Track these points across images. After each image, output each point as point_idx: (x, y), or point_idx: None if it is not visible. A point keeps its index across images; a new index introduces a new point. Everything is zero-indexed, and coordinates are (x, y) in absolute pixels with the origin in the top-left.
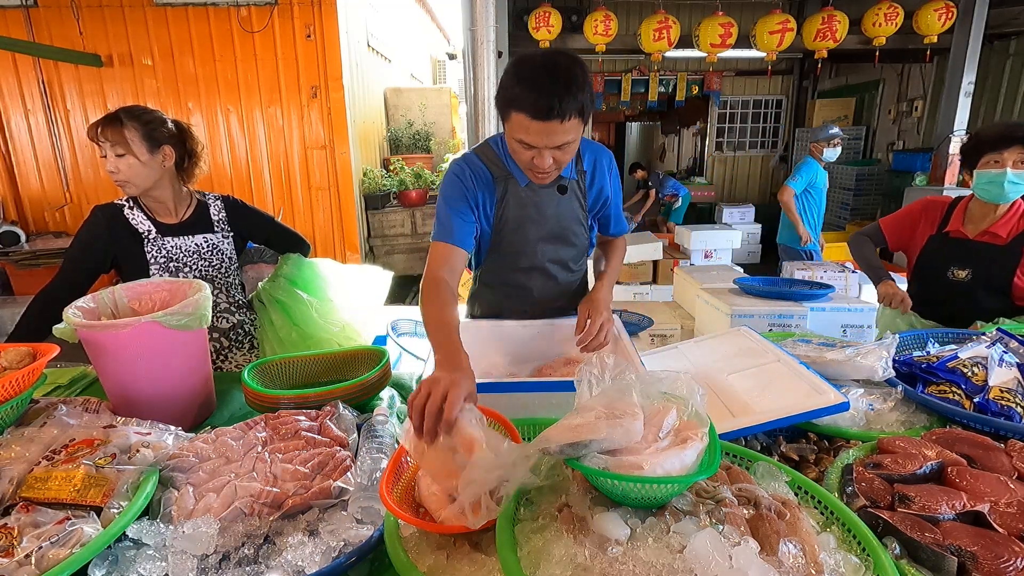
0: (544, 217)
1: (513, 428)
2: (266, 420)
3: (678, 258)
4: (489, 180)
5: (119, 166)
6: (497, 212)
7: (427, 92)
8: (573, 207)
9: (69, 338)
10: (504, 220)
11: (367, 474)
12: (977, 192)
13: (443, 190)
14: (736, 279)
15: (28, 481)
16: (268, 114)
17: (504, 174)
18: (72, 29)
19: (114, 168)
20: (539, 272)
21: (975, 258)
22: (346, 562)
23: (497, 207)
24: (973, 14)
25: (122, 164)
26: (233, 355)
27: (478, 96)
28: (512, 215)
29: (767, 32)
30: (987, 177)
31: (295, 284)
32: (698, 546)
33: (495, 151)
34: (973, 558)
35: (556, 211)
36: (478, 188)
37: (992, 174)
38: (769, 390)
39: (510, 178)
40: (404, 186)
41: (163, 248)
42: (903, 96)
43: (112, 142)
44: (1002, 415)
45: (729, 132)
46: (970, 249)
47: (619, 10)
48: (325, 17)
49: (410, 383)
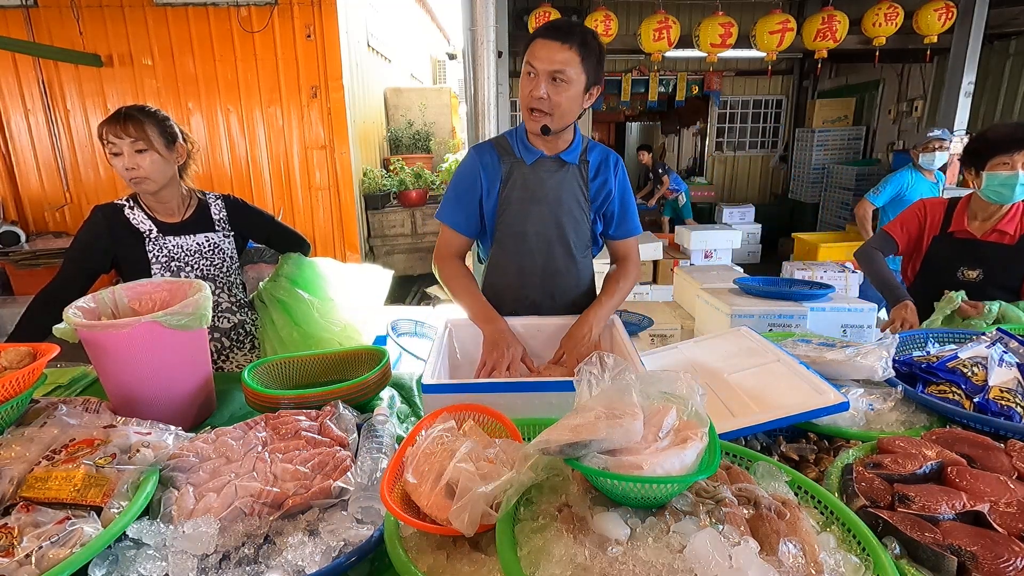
0: (544, 191)
1: (514, 428)
2: (266, 420)
3: (678, 258)
4: (496, 162)
5: (139, 163)
6: (502, 192)
7: (427, 92)
8: (573, 188)
9: (69, 338)
10: (508, 200)
11: (367, 474)
12: (986, 193)
13: (455, 173)
14: (736, 279)
15: (28, 481)
16: (268, 114)
17: (512, 157)
18: (72, 29)
19: (133, 165)
20: (543, 254)
21: (985, 258)
22: (346, 562)
23: (502, 187)
24: (973, 14)
25: (143, 160)
26: (234, 355)
27: (478, 96)
28: (516, 195)
29: (767, 32)
30: (999, 180)
31: (296, 284)
32: (698, 546)
33: (508, 140)
34: (973, 558)
35: (557, 188)
36: (484, 171)
37: (1004, 176)
38: (769, 390)
39: (516, 160)
40: (404, 186)
41: (164, 247)
42: (903, 96)
43: (134, 138)
44: (1002, 415)
45: (729, 132)
46: (980, 249)
47: (619, 10)
48: (325, 17)
49: (410, 383)
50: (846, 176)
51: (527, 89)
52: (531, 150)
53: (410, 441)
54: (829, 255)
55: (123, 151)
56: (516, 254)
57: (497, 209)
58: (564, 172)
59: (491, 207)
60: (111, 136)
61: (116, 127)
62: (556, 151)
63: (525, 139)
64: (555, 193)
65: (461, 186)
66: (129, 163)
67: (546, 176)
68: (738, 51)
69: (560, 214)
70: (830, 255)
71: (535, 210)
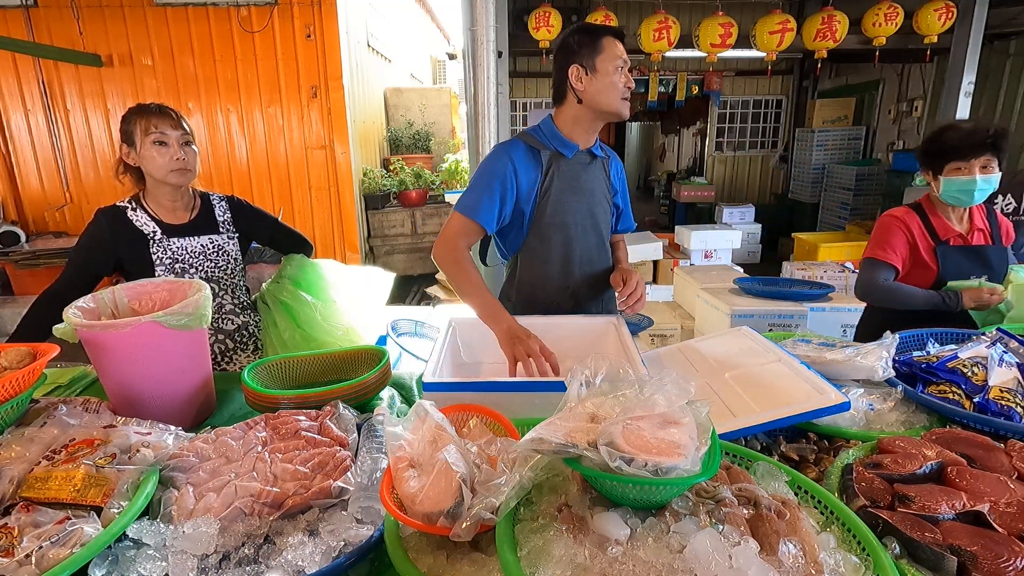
0: (581, 182)
1: (512, 428)
2: (266, 420)
3: (678, 258)
4: (534, 156)
5: (187, 154)
6: (541, 186)
7: (427, 92)
8: (601, 180)
9: (69, 338)
10: (548, 192)
11: (367, 474)
12: (946, 198)
13: (483, 167)
14: (736, 279)
15: (28, 481)
16: (268, 114)
17: (550, 151)
18: (72, 29)
19: (182, 156)
20: (581, 243)
21: (987, 261)
22: (346, 562)
23: (543, 180)
24: (973, 14)
25: (188, 153)
26: (237, 357)
27: (478, 96)
28: (556, 186)
29: (767, 32)
30: (957, 185)
31: (299, 286)
32: (698, 546)
33: (537, 137)
34: (973, 558)
35: (591, 180)
36: (519, 165)
37: (962, 181)
38: (770, 390)
39: (555, 153)
40: (404, 186)
41: (168, 249)
42: (903, 96)
43: (182, 130)
44: (1002, 415)
45: (729, 132)
46: (978, 253)
47: (619, 10)
48: (325, 17)
49: (410, 383)
50: (846, 176)
51: (621, 81)
52: (570, 144)
53: None
54: (829, 255)
55: (171, 142)
56: (559, 244)
57: (537, 201)
58: (594, 165)
59: (530, 200)
60: (161, 127)
61: (164, 119)
62: (588, 145)
63: (559, 134)
64: (589, 185)
65: (493, 180)
66: (176, 155)
67: (581, 169)
68: (738, 51)
69: (594, 204)
70: (830, 255)
71: (574, 200)
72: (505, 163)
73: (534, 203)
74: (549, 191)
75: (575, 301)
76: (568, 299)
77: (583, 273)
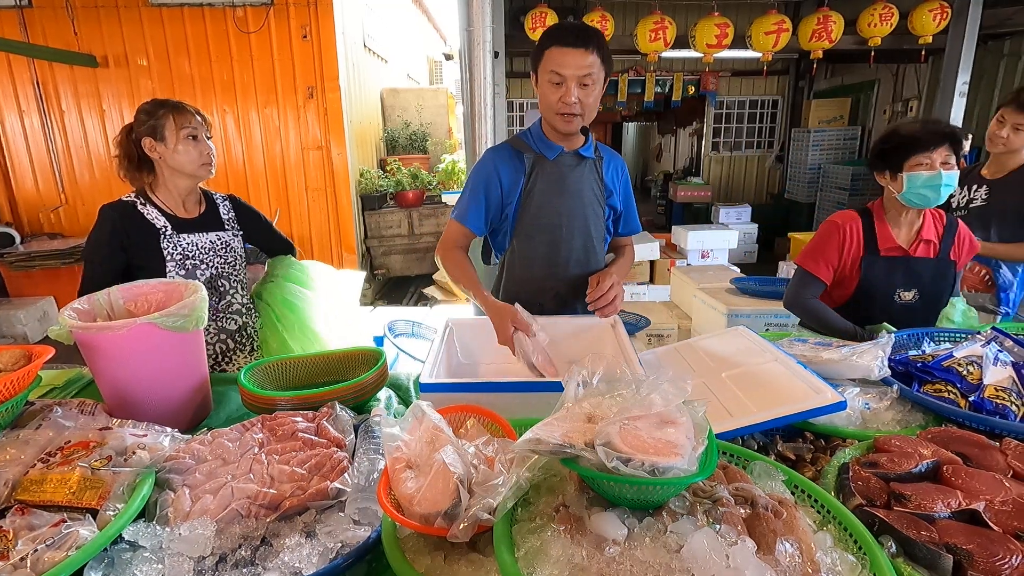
0: (567, 183)
1: (510, 429)
2: (263, 421)
3: (675, 258)
4: (518, 158)
5: (211, 149)
6: (525, 187)
7: (424, 92)
8: (591, 181)
9: (64, 339)
10: (531, 193)
11: (364, 475)
12: (907, 197)
13: (471, 172)
14: (733, 279)
15: (23, 484)
16: (264, 115)
17: (533, 153)
18: (67, 29)
19: (207, 148)
20: (568, 245)
21: (919, 277)
22: (343, 563)
23: (526, 182)
24: (967, 15)
25: (212, 148)
26: (236, 358)
27: (475, 96)
28: (539, 188)
29: (763, 33)
30: (921, 180)
31: (298, 286)
32: (695, 546)
33: (524, 140)
34: (969, 556)
35: (578, 181)
36: (503, 169)
37: (926, 177)
38: (766, 389)
39: (539, 156)
40: (401, 187)
41: (179, 245)
42: (898, 96)
43: (207, 126)
44: (997, 414)
45: (725, 132)
46: (912, 267)
47: (615, 10)
48: (321, 17)
49: (407, 384)
50: (842, 176)
51: (555, 96)
52: (552, 146)
53: None
54: None
55: (201, 137)
56: (543, 245)
57: (520, 203)
58: (583, 166)
59: (514, 202)
60: (192, 123)
61: (193, 115)
62: (574, 147)
63: (543, 136)
64: (577, 186)
65: (477, 185)
66: (203, 147)
67: (567, 170)
68: (734, 52)
69: (582, 206)
70: None
71: (559, 202)
72: (488, 167)
73: (517, 204)
74: (532, 192)
75: (560, 302)
76: (552, 300)
77: (570, 275)
